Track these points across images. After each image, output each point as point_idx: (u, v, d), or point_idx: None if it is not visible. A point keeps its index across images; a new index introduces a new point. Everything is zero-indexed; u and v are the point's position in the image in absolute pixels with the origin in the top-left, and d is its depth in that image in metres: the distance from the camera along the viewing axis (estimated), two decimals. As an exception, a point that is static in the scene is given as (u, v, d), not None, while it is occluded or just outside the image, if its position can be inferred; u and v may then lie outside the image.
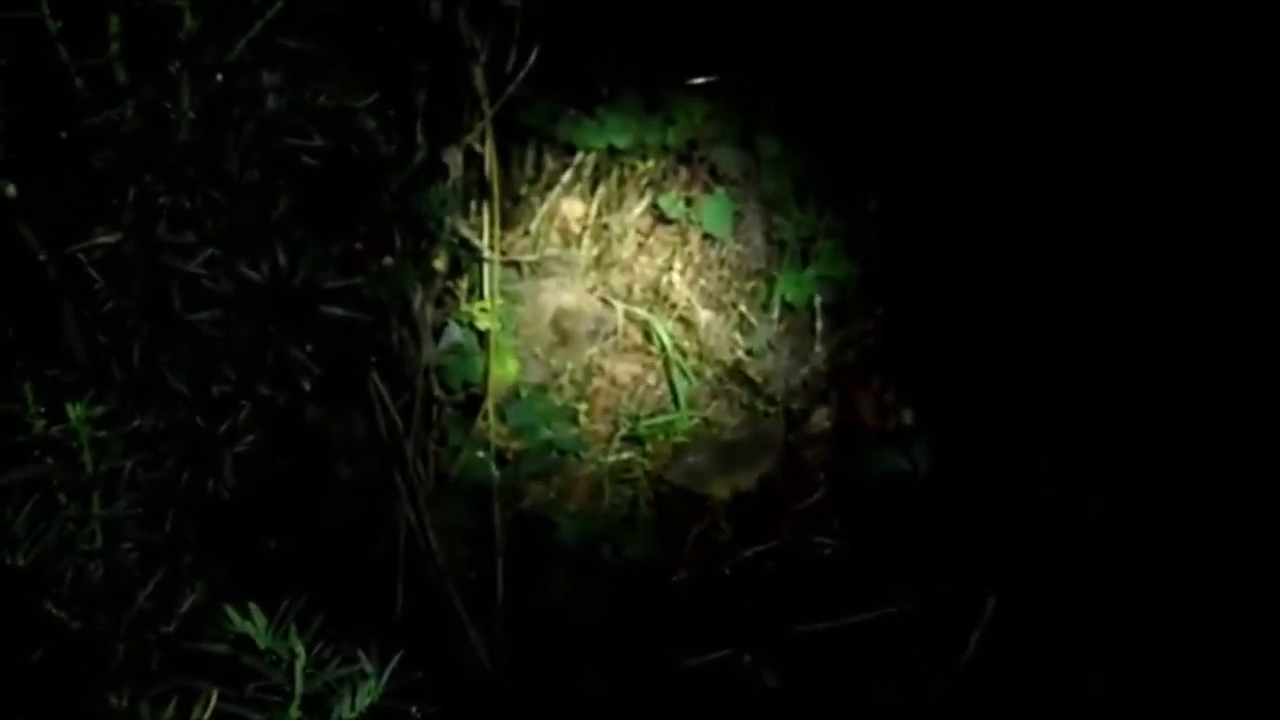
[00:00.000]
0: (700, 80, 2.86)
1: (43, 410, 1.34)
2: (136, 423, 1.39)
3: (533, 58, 2.39)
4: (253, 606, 1.25)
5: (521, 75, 2.36)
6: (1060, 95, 2.64)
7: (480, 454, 2.54)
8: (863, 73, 2.78)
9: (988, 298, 2.68)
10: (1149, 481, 2.40)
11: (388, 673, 1.28)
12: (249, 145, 1.54)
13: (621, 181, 2.88)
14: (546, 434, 2.66)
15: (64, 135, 1.46)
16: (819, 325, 2.80)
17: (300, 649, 1.18)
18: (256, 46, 1.53)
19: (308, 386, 1.60)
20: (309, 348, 1.60)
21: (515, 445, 2.63)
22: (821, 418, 2.73)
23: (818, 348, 2.79)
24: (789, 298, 2.80)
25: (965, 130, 2.70)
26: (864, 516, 2.56)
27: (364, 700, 1.26)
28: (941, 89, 2.71)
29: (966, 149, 2.70)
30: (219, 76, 1.50)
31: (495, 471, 2.54)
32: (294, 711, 1.18)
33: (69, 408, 1.29)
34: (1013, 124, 2.66)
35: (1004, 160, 2.67)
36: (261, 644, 1.23)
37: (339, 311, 1.59)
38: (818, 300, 2.80)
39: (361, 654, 1.28)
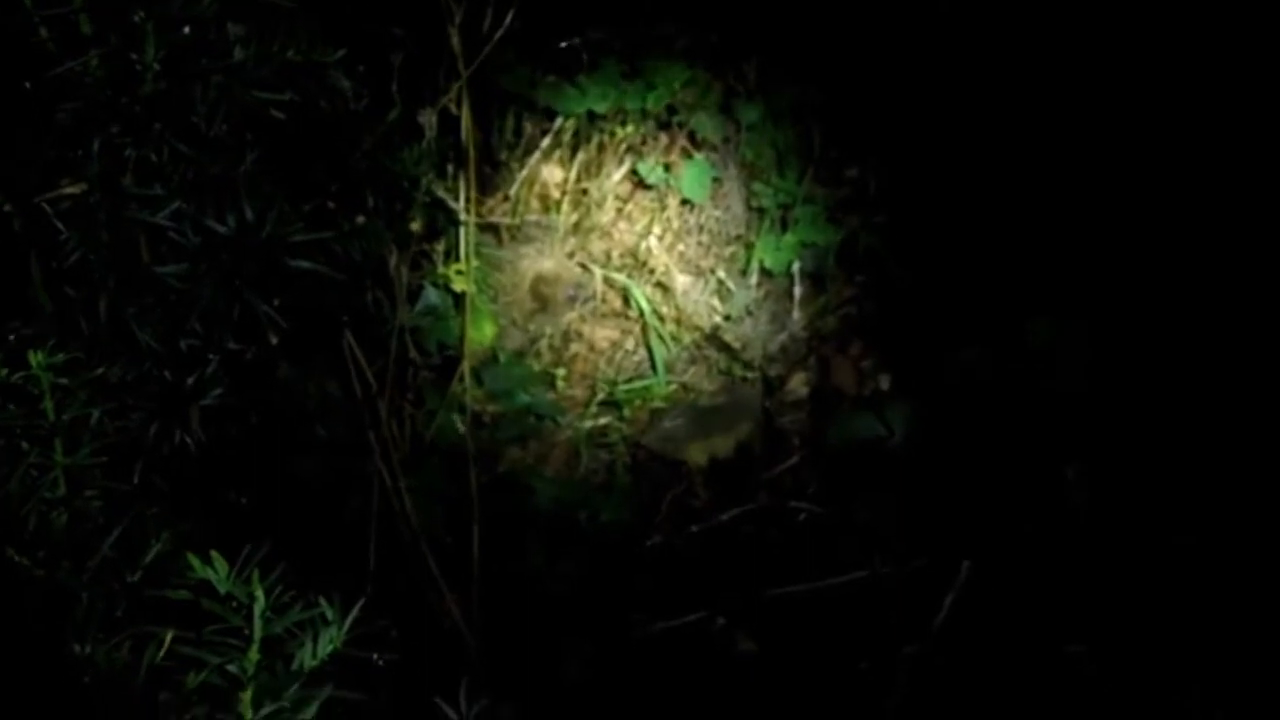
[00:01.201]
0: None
1: (4, 359, 1.34)
2: (100, 371, 1.39)
3: (509, 19, 2.38)
4: (214, 553, 1.25)
5: (498, 36, 2.35)
6: (1058, 67, 2.64)
7: (456, 417, 2.54)
8: (845, 43, 2.78)
9: (967, 264, 2.68)
10: (1127, 447, 2.41)
11: (349, 620, 1.28)
12: (216, 98, 1.53)
13: (601, 147, 2.88)
14: (524, 398, 2.67)
15: (28, 86, 1.45)
16: (797, 291, 2.80)
17: (259, 593, 1.18)
18: (225, -1, 1.52)
19: (275, 341, 1.59)
20: (276, 302, 1.60)
21: (492, 409, 2.64)
22: (799, 383, 2.73)
23: (795, 314, 2.79)
24: (767, 264, 2.80)
25: (950, 97, 2.70)
26: (840, 481, 2.56)
27: (326, 647, 1.26)
28: (929, 59, 2.71)
29: (951, 116, 2.70)
30: (186, 29, 1.49)
31: (471, 435, 2.54)
32: (253, 654, 1.18)
33: (30, 355, 1.29)
34: (1000, 90, 2.66)
35: (985, 127, 2.67)
36: (222, 590, 1.23)
37: (307, 264, 1.58)
38: (796, 266, 2.80)
39: (323, 601, 1.28)
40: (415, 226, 2.40)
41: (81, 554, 1.35)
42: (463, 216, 2.53)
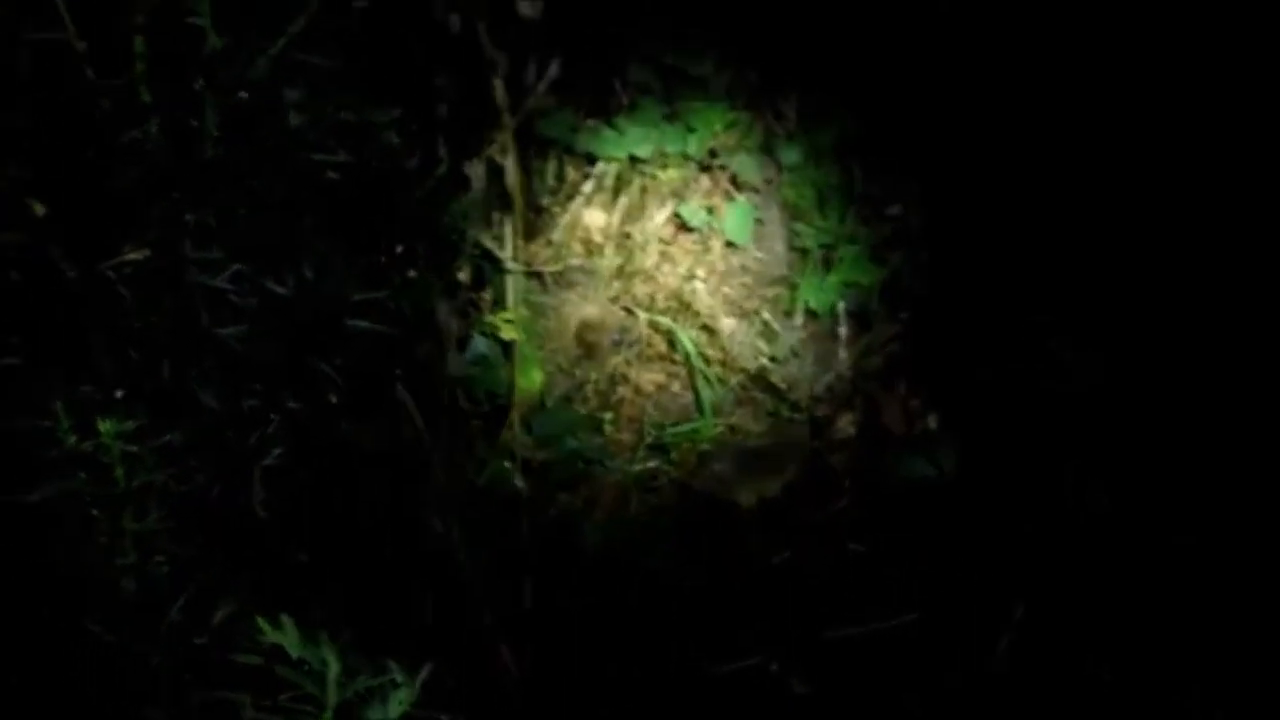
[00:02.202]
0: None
1: (74, 426, 1.35)
2: (167, 438, 1.41)
3: (553, 69, 2.41)
4: (284, 617, 1.26)
5: (542, 87, 2.38)
6: (1088, 104, 2.64)
7: (506, 464, 2.55)
8: (883, 80, 2.79)
9: (1013, 303, 2.68)
10: (1179, 487, 2.39)
11: (419, 682, 1.29)
12: (273, 161, 1.55)
13: (643, 191, 2.89)
14: (572, 444, 2.67)
15: (91, 154, 1.48)
16: (842, 331, 2.80)
17: (333, 659, 1.19)
18: (279, 63, 1.54)
19: (335, 399, 1.61)
20: (336, 361, 1.61)
21: (541, 455, 2.64)
22: (846, 424, 2.73)
23: (841, 354, 2.79)
24: (812, 304, 2.80)
25: (989, 134, 2.71)
26: (890, 523, 2.55)
27: (396, 709, 1.27)
28: (965, 96, 2.71)
29: (990, 153, 2.71)
30: (242, 94, 1.52)
31: (521, 482, 2.55)
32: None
33: (100, 423, 1.30)
34: (1036, 127, 2.66)
35: (1028, 164, 2.67)
36: (294, 654, 1.24)
37: (364, 324, 1.60)
38: (841, 306, 2.80)
39: (392, 663, 1.29)
40: (463, 276, 2.42)
41: (151, 619, 1.36)
42: (509, 265, 2.54)
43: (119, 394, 1.42)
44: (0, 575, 1.32)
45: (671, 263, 2.88)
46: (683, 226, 2.89)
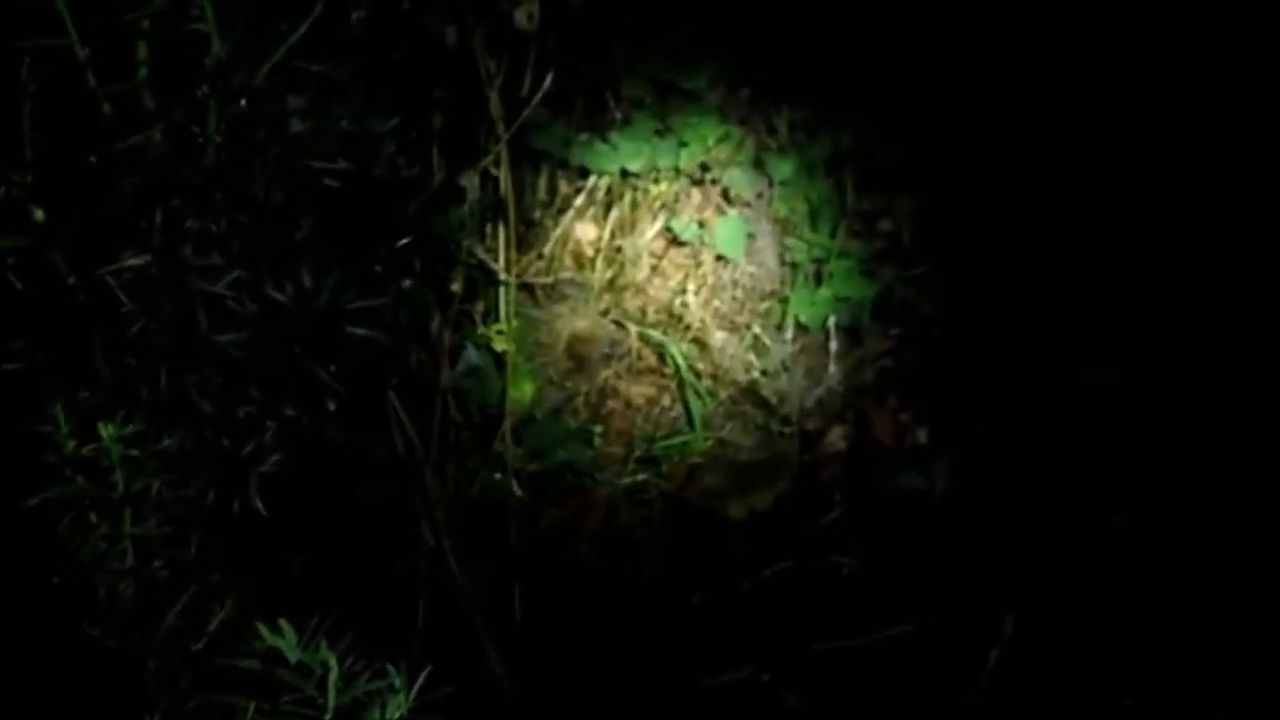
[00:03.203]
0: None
1: (73, 431, 1.35)
2: (166, 443, 1.41)
3: (548, 82, 2.42)
4: (283, 622, 1.26)
5: (537, 99, 2.38)
6: (1078, 118, 2.66)
7: (498, 476, 2.56)
8: (876, 95, 2.80)
9: (1004, 316, 2.69)
10: (1171, 500, 2.40)
11: (416, 687, 1.30)
12: (274, 168, 1.55)
13: (634, 205, 2.90)
14: (562, 456, 2.68)
15: (92, 160, 1.48)
16: (833, 345, 2.81)
17: (333, 663, 1.19)
18: (280, 71, 1.54)
19: (333, 407, 1.61)
20: (333, 369, 1.62)
21: (532, 467, 2.65)
22: (837, 437, 2.74)
23: (832, 368, 2.80)
24: (803, 318, 2.81)
25: (980, 151, 2.72)
26: (881, 536, 2.56)
27: (394, 714, 1.27)
28: (958, 111, 2.73)
29: (982, 169, 2.72)
30: (244, 101, 1.52)
31: (512, 493, 2.55)
32: (327, 724, 1.19)
33: (101, 427, 1.30)
34: (1030, 140, 2.68)
35: (1020, 178, 2.69)
36: (292, 658, 1.24)
37: (363, 332, 1.60)
38: (832, 321, 2.81)
39: (391, 668, 1.29)
40: (456, 288, 2.42)
41: (149, 623, 1.37)
42: (502, 276, 2.55)
43: (119, 399, 1.42)
44: (-1, 579, 1.32)
45: (662, 276, 2.89)
46: (674, 240, 2.90)
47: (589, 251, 2.91)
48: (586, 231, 2.92)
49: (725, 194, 2.90)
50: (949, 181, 2.81)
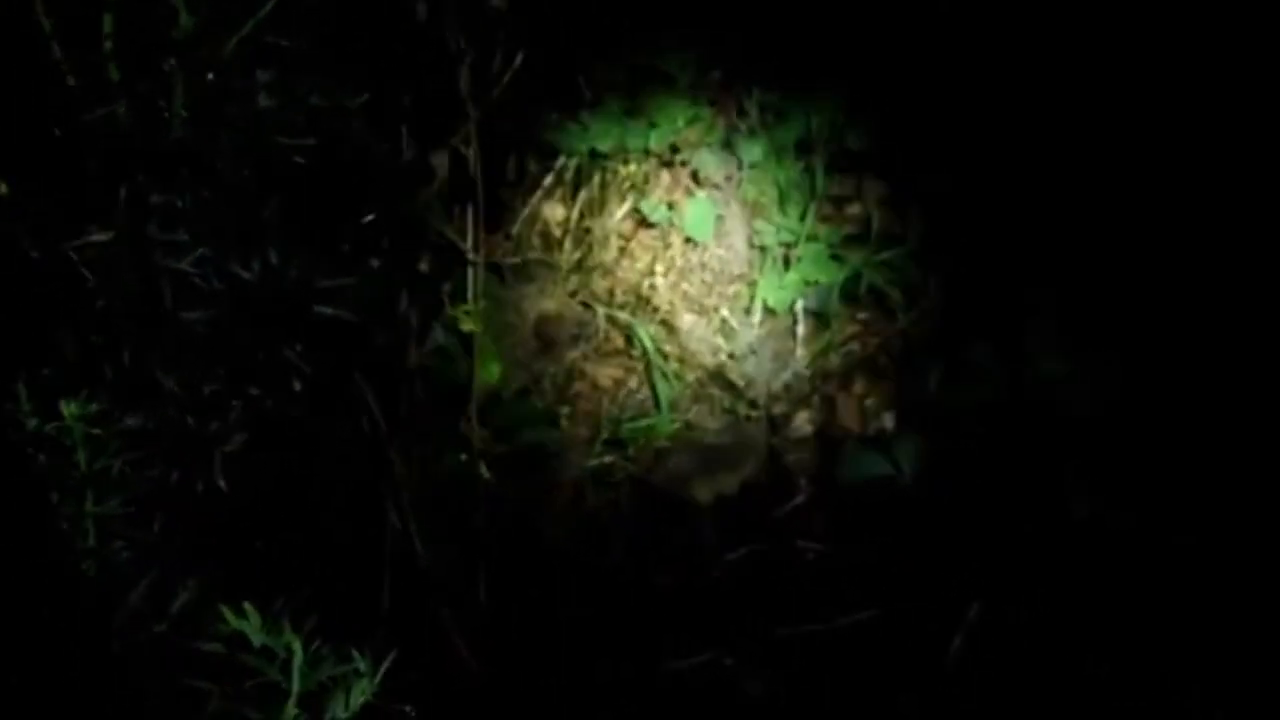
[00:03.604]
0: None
1: (35, 408, 1.33)
2: (129, 421, 1.39)
3: (518, 61, 2.39)
4: (247, 605, 1.25)
5: (507, 78, 2.36)
6: (1054, 101, 2.66)
7: (464, 457, 2.54)
8: (847, 79, 2.80)
9: (971, 302, 2.69)
10: (1137, 483, 2.41)
11: (381, 672, 1.28)
12: (241, 144, 1.53)
13: (603, 185, 2.89)
14: (529, 437, 2.67)
15: (57, 133, 1.46)
16: (800, 329, 2.81)
17: (297, 647, 1.18)
18: (249, 45, 1.52)
19: (299, 387, 1.59)
20: (299, 348, 1.60)
21: (498, 448, 2.63)
22: (803, 422, 2.73)
23: (799, 352, 2.80)
24: (770, 302, 2.81)
25: (950, 135, 2.72)
26: (846, 520, 2.56)
27: (358, 698, 1.26)
28: (929, 96, 2.72)
29: (952, 153, 2.72)
30: (211, 75, 1.50)
31: (479, 475, 2.53)
32: (291, 709, 1.17)
33: (64, 405, 1.28)
34: (1000, 126, 2.68)
35: (991, 163, 2.68)
36: (256, 642, 1.22)
37: (330, 312, 1.58)
38: (800, 305, 2.81)
39: (355, 653, 1.28)
40: (424, 267, 2.40)
41: (110, 605, 1.35)
42: (471, 256, 2.52)
43: (81, 377, 1.40)
44: (-43, 558, 1.30)
45: (631, 258, 2.88)
46: (643, 222, 2.89)
47: (557, 232, 2.90)
48: (555, 212, 2.90)
49: (695, 176, 2.89)
50: (919, 167, 2.81)
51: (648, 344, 2.78)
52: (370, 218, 1.88)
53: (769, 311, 2.82)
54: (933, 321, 2.74)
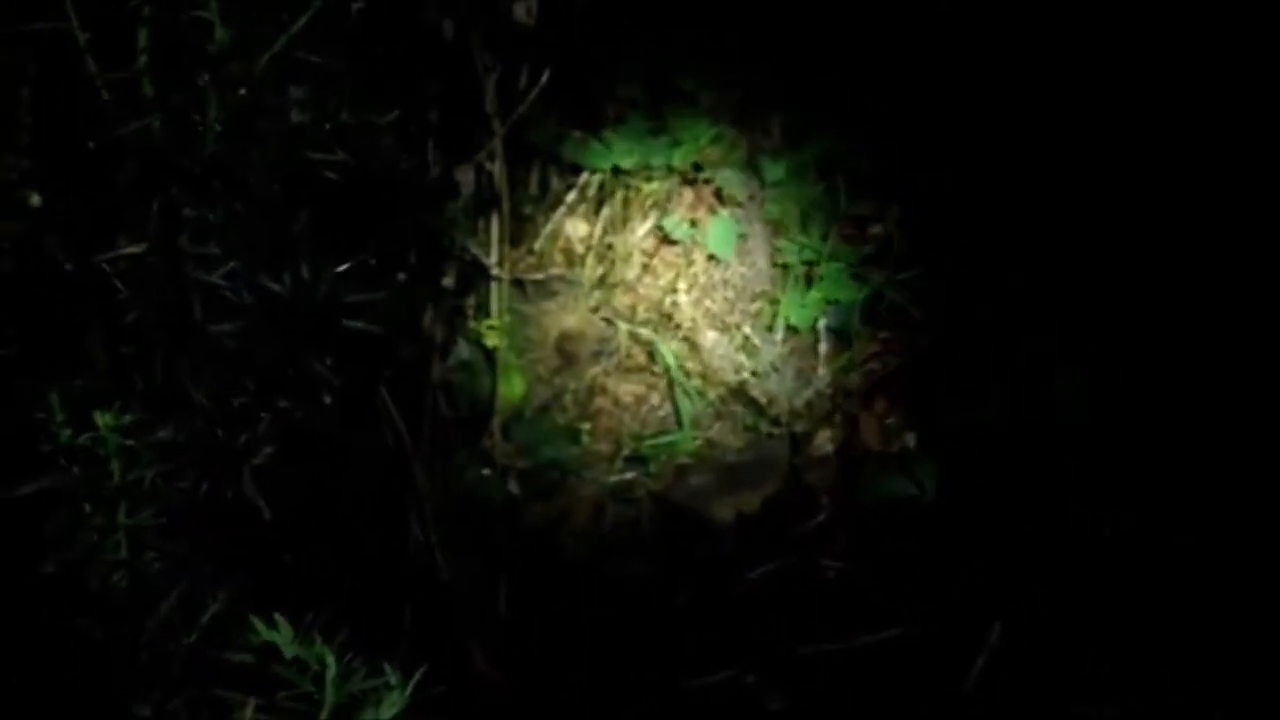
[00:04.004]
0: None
1: (68, 420, 1.34)
2: (162, 433, 1.40)
3: (544, 78, 2.41)
4: (278, 617, 1.25)
5: (533, 95, 2.37)
6: (1075, 114, 2.66)
7: (486, 471, 2.55)
8: (870, 99, 2.80)
9: (994, 320, 2.69)
10: (1161, 506, 2.41)
11: (411, 685, 1.29)
12: (272, 159, 1.54)
13: (626, 203, 2.90)
14: (550, 453, 2.67)
15: (91, 146, 1.47)
16: (823, 348, 2.81)
17: (330, 659, 1.18)
18: (280, 61, 1.53)
19: (328, 400, 1.60)
20: (327, 361, 1.61)
21: (520, 463, 2.64)
22: (825, 440, 2.73)
23: (821, 370, 2.80)
24: (793, 320, 2.81)
25: (972, 154, 2.72)
26: (867, 540, 2.56)
27: (388, 711, 1.26)
28: (950, 116, 2.73)
29: (973, 174, 2.72)
30: (244, 90, 1.51)
31: (500, 489, 2.54)
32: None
33: (98, 416, 1.29)
34: (1021, 148, 2.68)
35: (1011, 185, 2.69)
36: (288, 654, 1.23)
37: (359, 325, 1.59)
38: (822, 323, 2.81)
39: (386, 666, 1.28)
40: (448, 282, 2.41)
41: (141, 615, 1.35)
42: (495, 272, 2.54)
43: (113, 388, 1.41)
44: (-11, 568, 1.31)
45: (653, 275, 2.89)
46: (665, 239, 2.89)
47: (580, 248, 2.90)
48: (578, 228, 2.91)
49: (718, 194, 2.90)
50: (940, 187, 2.81)
51: (670, 361, 2.78)
52: (399, 234, 1.89)
53: (791, 330, 2.82)
54: (953, 340, 2.73)
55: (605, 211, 2.90)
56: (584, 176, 2.90)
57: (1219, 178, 2.58)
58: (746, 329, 2.83)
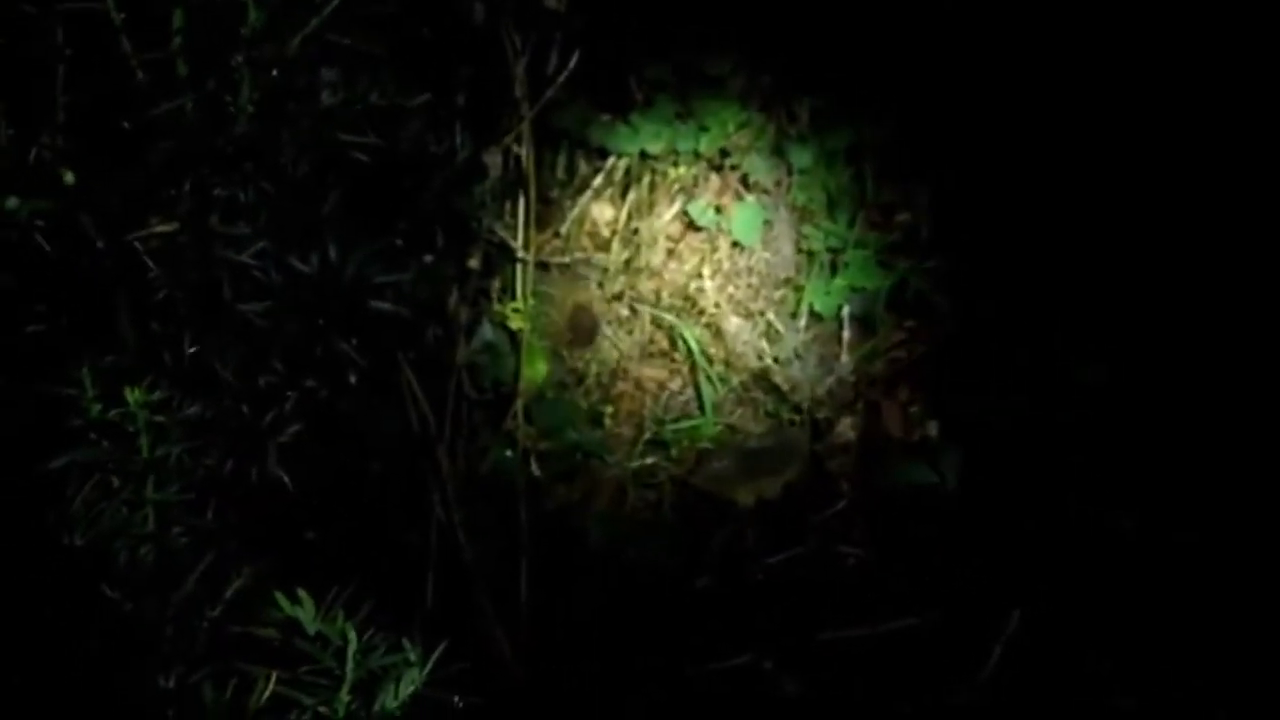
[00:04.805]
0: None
1: (98, 395, 1.36)
2: (190, 410, 1.41)
3: (573, 61, 2.41)
4: (302, 593, 1.27)
5: (562, 79, 2.38)
6: (1106, 105, 2.66)
7: (508, 453, 2.56)
8: (898, 86, 2.80)
9: (1018, 311, 2.69)
10: (1181, 497, 2.41)
11: (431, 662, 1.31)
12: (303, 140, 1.56)
13: (652, 187, 2.91)
14: (573, 436, 2.69)
15: (124, 126, 1.48)
16: (846, 335, 2.81)
17: (352, 635, 1.20)
18: (312, 43, 1.55)
19: (354, 380, 1.62)
20: (354, 342, 1.62)
21: (542, 445, 2.65)
22: (847, 427, 2.74)
23: (844, 357, 2.80)
24: (817, 307, 2.82)
25: (1001, 144, 2.72)
26: (889, 527, 2.57)
27: (408, 688, 1.28)
28: (979, 105, 2.73)
29: (1002, 162, 2.72)
30: (276, 72, 1.52)
31: (522, 471, 2.56)
32: (344, 696, 1.20)
33: (128, 392, 1.31)
34: (1049, 138, 2.68)
35: (1039, 175, 2.69)
36: (311, 629, 1.25)
37: (387, 307, 1.61)
38: (845, 310, 2.82)
39: (406, 643, 1.30)
40: (474, 264, 2.43)
41: (167, 589, 1.37)
42: (520, 254, 2.55)
43: (142, 365, 1.43)
44: (20, 541, 1.33)
45: (678, 260, 2.90)
46: (691, 225, 2.90)
47: (605, 232, 2.91)
48: (604, 212, 2.92)
49: (744, 180, 2.90)
50: (967, 176, 2.81)
51: (693, 346, 2.79)
52: (427, 216, 1.90)
53: (815, 316, 2.83)
54: (978, 329, 2.74)
55: (631, 196, 2.90)
56: (610, 161, 2.91)
57: (1239, 180, 2.58)
58: (770, 315, 2.84)
